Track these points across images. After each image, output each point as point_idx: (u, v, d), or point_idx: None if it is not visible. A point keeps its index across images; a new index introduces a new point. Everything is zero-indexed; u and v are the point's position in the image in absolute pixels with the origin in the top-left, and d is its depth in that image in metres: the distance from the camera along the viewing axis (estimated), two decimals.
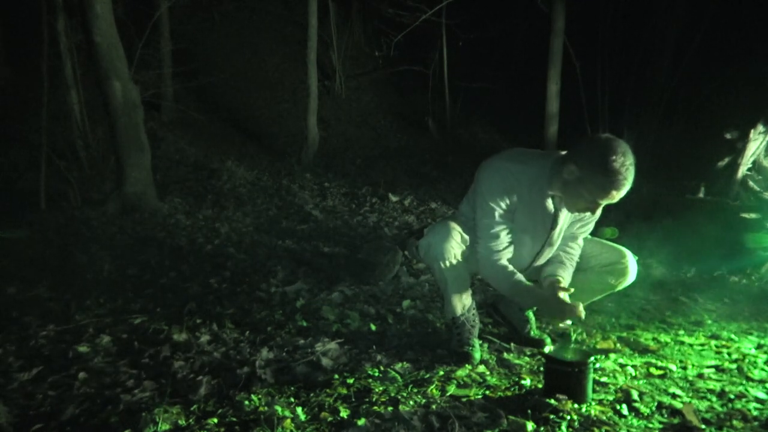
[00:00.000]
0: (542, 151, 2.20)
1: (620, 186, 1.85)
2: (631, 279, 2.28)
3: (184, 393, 1.97)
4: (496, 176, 2.09)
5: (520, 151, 2.17)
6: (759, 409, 1.92)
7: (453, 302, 2.33)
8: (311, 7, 7.21)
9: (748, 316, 3.01)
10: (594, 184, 1.88)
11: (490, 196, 2.09)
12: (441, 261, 2.21)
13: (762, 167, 4.44)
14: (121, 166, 4.82)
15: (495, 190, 2.09)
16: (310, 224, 4.96)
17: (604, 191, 1.87)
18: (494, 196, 2.09)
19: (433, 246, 2.22)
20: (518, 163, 2.08)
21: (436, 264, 2.23)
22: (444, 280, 2.28)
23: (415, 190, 6.59)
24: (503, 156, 2.14)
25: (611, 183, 1.84)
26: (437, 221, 2.41)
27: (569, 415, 1.83)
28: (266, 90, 9.45)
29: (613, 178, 1.83)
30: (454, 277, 2.27)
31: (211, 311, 2.86)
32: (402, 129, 9.60)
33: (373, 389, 2.02)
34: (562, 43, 6.57)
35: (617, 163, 1.82)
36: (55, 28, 5.30)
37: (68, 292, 3.15)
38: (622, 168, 1.82)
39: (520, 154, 2.14)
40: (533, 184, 2.06)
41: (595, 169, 1.85)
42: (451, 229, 2.21)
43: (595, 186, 1.88)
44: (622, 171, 1.83)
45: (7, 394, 1.97)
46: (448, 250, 2.19)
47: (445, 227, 2.22)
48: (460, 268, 2.25)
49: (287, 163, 7.22)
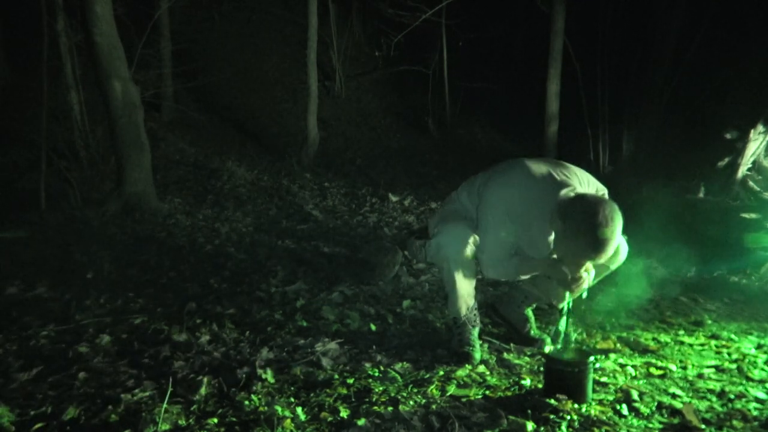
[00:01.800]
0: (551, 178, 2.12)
1: (599, 251, 1.85)
2: (622, 258, 2.27)
3: (184, 393, 1.97)
4: (500, 204, 2.11)
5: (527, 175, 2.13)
6: (759, 409, 1.92)
7: (459, 303, 2.33)
8: (311, 7, 7.21)
9: (748, 316, 3.01)
10: (576, 244, 1.90)
11: (495, 218, 2.12)
12: (452, 262, 2.23)
13: (762, 167, 4.44)
14: (121, 166, 4.82)
15: (500, 214, 2.11)
16: (310, 224, 4.96)
17: (585, 253, 1.89)
18: (498, 220, 2.12)
19: (444, 247, 2.23)
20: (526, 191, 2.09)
21: (447, 264, 2.25)
22: (453, 281, 2.28)
23: (415, 190, 6.59)
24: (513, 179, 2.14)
25: (591, 246, 1.85)
26: (442, 214, 2.40)
27: (569, 415, 1.83)
28: (266, 90, 9.45)
29: (593, 242, 1.84)
30: (462, 278, 2.28)
31: (211, 311, 2.86)
32: (402, 129, 9.60)
33: (373, 389, 2.02)
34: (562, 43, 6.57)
35: (599, 227, 1.82)
36: (55, 28, 5.30)
37: (68, 292, 3.15)
38: (603, 233, 1.82)
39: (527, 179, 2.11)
40: (538, 218, 2.08)
41: (577, 229, 1.87)
42: (463, 230, 2.21)
43: (576, 246, 1.90)
44: (601, 236, 1.82)
45: (7, 394, 1.97)
46: (460, 251, 2.20)
47: (457, 228, 2.23)
48: (469, 270, 2.27)
49: (287, 163, 7.21)
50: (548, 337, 2.50)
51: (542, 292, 2.47)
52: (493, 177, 2.20)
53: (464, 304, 2.34)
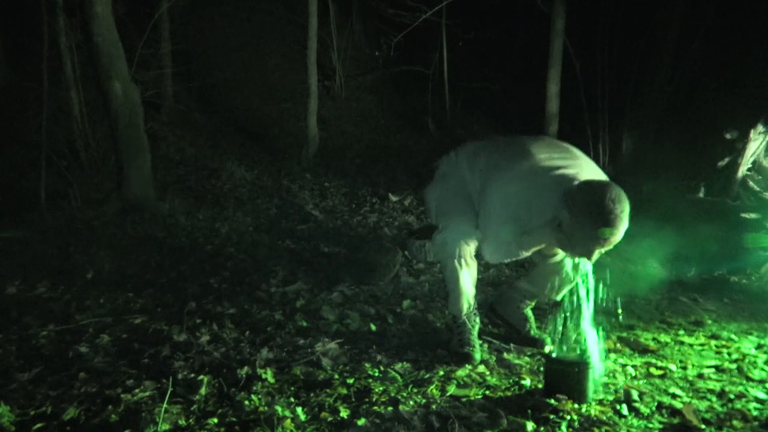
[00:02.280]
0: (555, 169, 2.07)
1: (608, 236, 1.81)
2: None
3: (184, 393, 1.97)
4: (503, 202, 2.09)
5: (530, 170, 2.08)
6: (759, 409, 1.92)
7: (460, 301, 2.33)
8: (311, 8, 7.21)
9: (748, 316, 3.01)
10: (584, 232, 1.85)
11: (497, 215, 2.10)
12: (456, 260, 2.22)
13: (762, 167, 4.44)
14: (121, 166, 4.82)
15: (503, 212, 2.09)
16: (310, 224, 4.96)
17: (594, 240, 1.84)
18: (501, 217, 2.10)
19: (450, 243, 2.22)
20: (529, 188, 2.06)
21: (450, 261, 2.24)
22: (455, 279, 2.28)
23: (415, 190, 6.58)
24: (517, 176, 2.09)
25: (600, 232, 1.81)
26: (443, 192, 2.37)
27: (569, 415, 1.83)
28: (266, 90, 9.45)
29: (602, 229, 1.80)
30: (465, 277, 2.28)
31: (211, 311, 2.86)
32: (402, 129, 9.60)
33: (373, 389, 2.02)
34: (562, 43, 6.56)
35: (606, 213, 1.78)
36: (55, 28, 5.30)
37: (68, 292, 3.15)
38: (610, 219, 1.79)
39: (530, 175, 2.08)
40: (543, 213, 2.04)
41: (585, 217, 1.82)
42: (468, 228, 2.21)
43: (585, 234, 1.85)
44: (609, 223, 1.79)
45: (7, 394, 1.97)
46: (464, 248, 2.20)
47: (461, 225, 2.22)
48: (472, 269, 2.27)
49: (287, 163, 7.21)
50: (548, 337, 2.50)
51: (540, 289, 2.46)
52: (496, 169, 2.15)
53: (466, 302, 2.34)
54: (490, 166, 2.20)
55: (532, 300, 2.54)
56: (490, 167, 2.20)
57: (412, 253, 3.92)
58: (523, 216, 2.08)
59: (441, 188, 2.40)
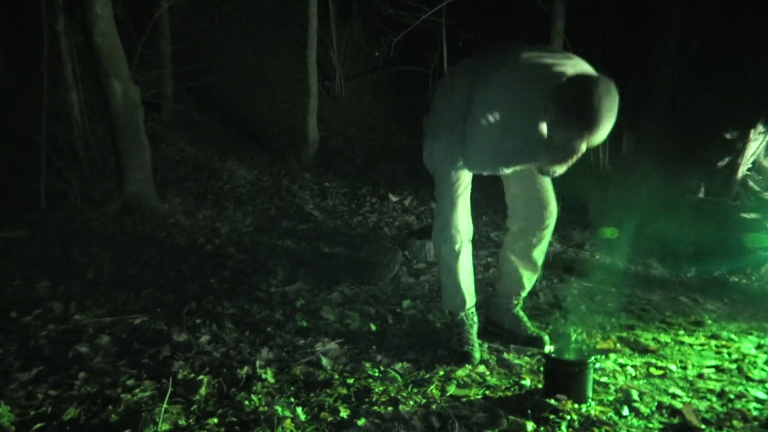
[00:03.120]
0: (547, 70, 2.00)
1: (593, 128, 1.78)
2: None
3: (184, 393, 1.97)
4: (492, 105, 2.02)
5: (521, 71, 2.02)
6: (759, 409, 1.92)
7: (463, 294, 2.32)
8: (311, 8, 7.21)
9: (748, 316, 3.01)
10: (571, 125, 1.81)
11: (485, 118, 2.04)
12: (454, 244, 2.24)
13: (762, 167, 4.44)
14: (121, 166, 4.83)
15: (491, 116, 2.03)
16: (310, 224, 4.96)
17: (580, 132, 1.81)
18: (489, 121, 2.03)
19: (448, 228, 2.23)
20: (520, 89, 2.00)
21: (447, 245, 2.25)
22: (455, 271, 2.28)
23: (415, 190, 6.58)
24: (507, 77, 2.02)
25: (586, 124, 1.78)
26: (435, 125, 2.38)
27: (569, 415, 1.83)
28: (266, 90, 9.45)
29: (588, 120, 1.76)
30: (461, 267, 2.27)
31: (211, 311, 2.86)
32: (402, 129, 9.59)
33: (373, 389, 2.02)
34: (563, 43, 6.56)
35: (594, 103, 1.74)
36: (55, 28, 5.30)
37: (68, 292, 3.15)
38: (599, 110, 1.75)
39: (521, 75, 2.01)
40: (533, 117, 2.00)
41: (572, 108, 1.79)
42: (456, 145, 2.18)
43: (571, 127, 1.82)
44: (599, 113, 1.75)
45: (7, 394, 1.97)
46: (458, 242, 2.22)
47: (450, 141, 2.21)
48: (467, 260, 2.26)
49: (287, 163, 7.21)
50: (548, 337, 2.50)
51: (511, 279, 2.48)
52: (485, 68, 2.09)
53: (461, 297, 2.33)
54: (479, 68, 2.14)
55: (518, 293, 2.53)
56: (479, 69, 2.13)
57: (412, 253, 3.92)
58: (508, 118, 2.02)
59: (434, 110, 2.38)
